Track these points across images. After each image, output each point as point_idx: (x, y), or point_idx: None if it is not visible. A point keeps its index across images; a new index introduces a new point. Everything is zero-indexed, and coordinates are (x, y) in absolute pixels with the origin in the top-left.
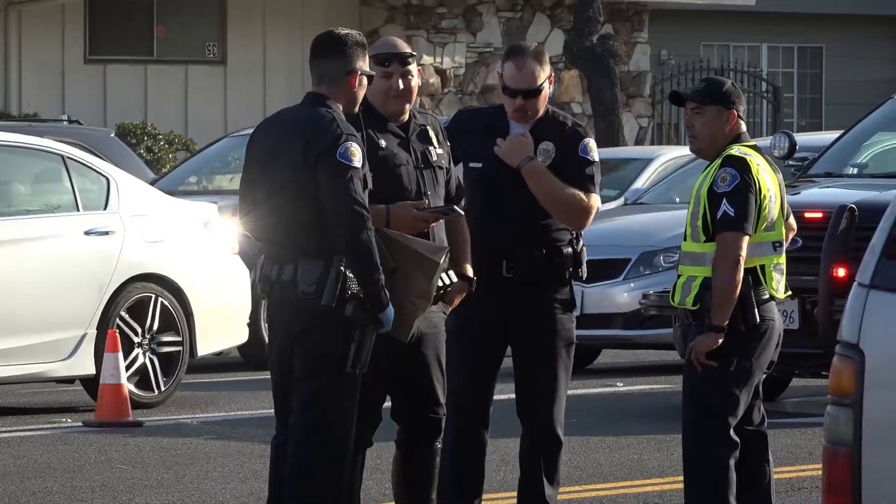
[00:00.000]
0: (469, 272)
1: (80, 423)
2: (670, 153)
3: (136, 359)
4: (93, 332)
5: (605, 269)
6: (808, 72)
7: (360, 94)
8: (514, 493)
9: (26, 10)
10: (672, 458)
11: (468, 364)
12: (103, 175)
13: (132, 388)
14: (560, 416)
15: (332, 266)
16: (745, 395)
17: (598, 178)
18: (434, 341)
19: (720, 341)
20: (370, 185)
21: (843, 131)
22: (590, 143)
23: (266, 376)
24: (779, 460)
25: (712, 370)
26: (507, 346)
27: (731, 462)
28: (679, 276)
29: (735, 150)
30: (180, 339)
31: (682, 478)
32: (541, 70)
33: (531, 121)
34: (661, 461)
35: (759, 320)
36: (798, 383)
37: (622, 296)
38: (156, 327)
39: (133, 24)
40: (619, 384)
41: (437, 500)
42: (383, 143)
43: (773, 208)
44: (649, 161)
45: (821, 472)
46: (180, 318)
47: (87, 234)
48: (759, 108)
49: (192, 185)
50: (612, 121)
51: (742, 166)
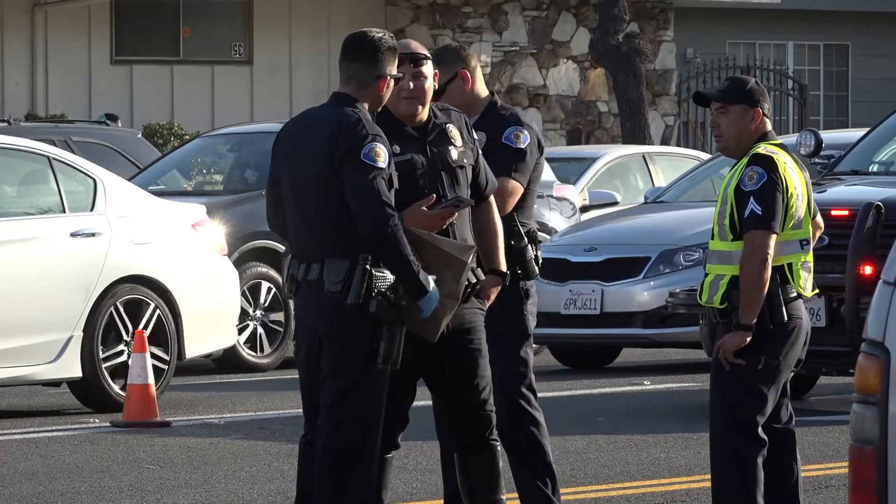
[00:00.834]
0: (501, 266)
1: (107, 424)
2: (614, 153)
3: (123, 359)
4: (79, 334)
5: (624, 268)
6: (834, 69)
7: (386, 98)
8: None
9: (52, 11)
10: (699, 457)
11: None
12: (90, 176)
13: (118, 389)
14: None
15: (358, 264)
16: (772, 394)
17: (520, 165)
18: (474, 337)
19: (748, 340)
20: (396, 185)
21: (868, 129)
22: (514, 132)
23: (293, 375)
24: (806, 458)
25: (740, 368)
26: None
27: (759, 460)
28: (707, 275)
29: (762, 149)
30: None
31: (709, 476)
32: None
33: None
34: (689, 459)
35: (786, 318)
36: (825, 381)
37: (642, 294)
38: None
39: (159, 24)
40: (646, 382)
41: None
42: (397, 149)
43: (800, 206)
44: (594, 160)
45: (847, 471)
46: (168, 320)
47: (73, 235)
48: (786, 106)
49: (164, 185)
50: (639, 119)
51: (769, 165)
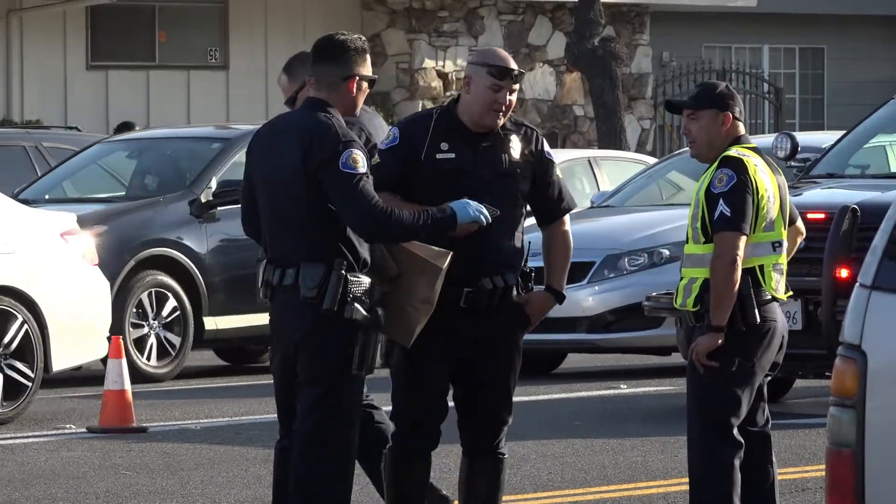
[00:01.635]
0: (559, 286)
1: (83, 430)
2: (559, 157)
3: None
4: None
5: (569, 273)
6: (810, 72)
7: (360, 100)
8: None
9: (28, 16)
10: (676, 460)
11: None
12: None
13: None
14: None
15: (334, 270)
16: (746, 396)
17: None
18: (507, 348)
19: (720, 342)
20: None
21: (844, 132)
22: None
23: (270, 381)
24: (783, 461)
25: (714, 371)
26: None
27: (736, 462)
28: (681, 279)
29: (733, 152)
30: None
31: (686, 480)
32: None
33: None
34: (666, 463)
35: (759, 320)
36: (802, 384)
37: (587, 299)
38: (13, 342)
39: (135, 30)
40: (622, 386)
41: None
42: (444, 146)
43: (771, 208)
44: None
45: (824, 473)
46: (34, 332)
47: None
48: (761, 110)
49: (62, 192)
50: (615, 123)
51: (738, 167)
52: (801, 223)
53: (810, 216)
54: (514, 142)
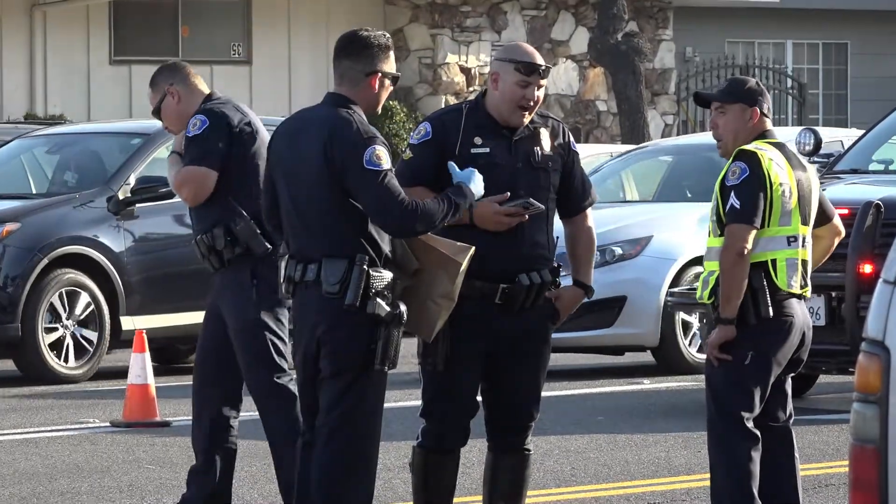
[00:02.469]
0: (587, 279)
1: (107, 424)
2: None
3: None
4: None
5: None
6: (833, 68)
7: (383, 96)
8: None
9: (51, 11)
10: (699, 456)
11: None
12: None
13: None
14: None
15: (356, 265)
16: (760, 390)
17: (196, 152)
18: (537, 344)
19: (731, 334)
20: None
21: (868, 127)
22: (192, 121)
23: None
24: (806, 457)
25: (727, 364)
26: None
27: (754, 455)
28: (703, 272)
29: (749, 146)
30: None
31: (709, 475)
32: None
33: None
34: (689, 458)
35: (772, 314)
36: (825, 380)
37: None
38: None
39: (158, 24)
40: (644, 382)
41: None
42: (478, 141)
43: (787, 203)
44: None
45: (848, 469)
46: None
47: None
48: (784, 105)
49: None
50: (638, 118)
51: (752, 160)
52: (839, 221)
53: None
54: (544, 135)
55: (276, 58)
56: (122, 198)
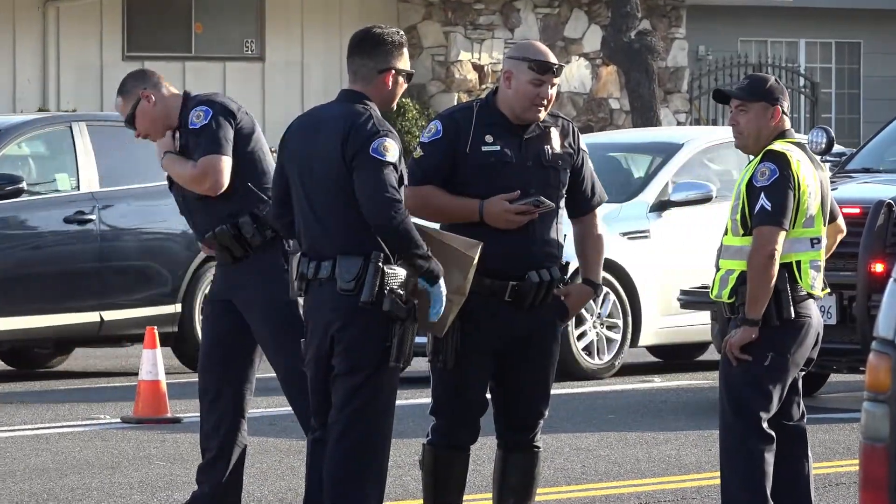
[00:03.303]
0: (596, 278)
1: (117, 420)
2: None
3: None
4: None
5: None
6: (846, 67)
7: (397, 93)
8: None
9: (64, 7)
10: (710, 454)
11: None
12: None
13: None
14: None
15: (371, 262)
16: (778, 391)
17: (204, 142)
18: (546, 342)
19: (755, 336)
20: (406, 182)
21: (881, 127)
22: (195, 113)
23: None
24: (817, 456)
25: (747, 365)
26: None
27: (767, 456)
28: (718, 270)
29: (776, 146)
30: None
31: (719, 473)
32: None
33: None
34: (699, 457)
35: (794, 316)
36: (836, 378)
37: None
38: None
39: (171, 20)
40: (655, 380)
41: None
42: (489, 139)
43: (812, 204)
44: None
45: (858, 468)
46: None
47: None
48: (797, 104)
49: None
50: (650, 117)
51: (782, 161)
52: (842, 221)
53: (845, 211)
54: (554, 133)
55: (289, 55)
56: None
